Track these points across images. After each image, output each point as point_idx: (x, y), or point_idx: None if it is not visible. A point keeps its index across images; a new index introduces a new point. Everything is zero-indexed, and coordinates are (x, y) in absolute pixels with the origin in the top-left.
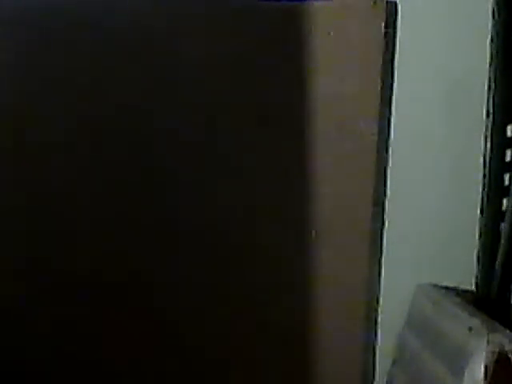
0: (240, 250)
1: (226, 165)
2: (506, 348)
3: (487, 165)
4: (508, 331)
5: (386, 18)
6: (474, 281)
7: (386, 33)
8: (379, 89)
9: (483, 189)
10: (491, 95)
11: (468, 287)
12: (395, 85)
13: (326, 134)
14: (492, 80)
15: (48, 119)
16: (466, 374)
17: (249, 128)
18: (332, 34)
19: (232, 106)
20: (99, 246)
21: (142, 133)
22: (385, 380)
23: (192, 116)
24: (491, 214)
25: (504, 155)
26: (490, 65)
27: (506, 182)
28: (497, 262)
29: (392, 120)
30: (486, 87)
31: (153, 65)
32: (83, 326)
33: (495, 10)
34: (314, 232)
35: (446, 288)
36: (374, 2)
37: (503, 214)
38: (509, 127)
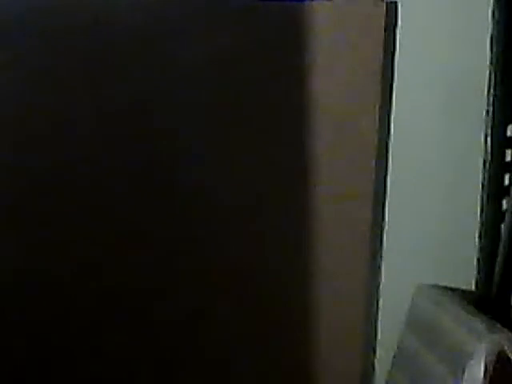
0: (239, 251)
1: (226, 164)
2: (506, 348)
3: (487, 165)
4: (508, 331)
5: (386, 18)
6: (474, 281)
7: (385, 33)
8: (379, 89)
9: (483, 189)
10: (491, 95)
11: (468, 287)
12: (395, 85)
13: (325, 133)
14: (492, 80)
15: (47, 119)
16: (466, 373)
17: (248, 128)
18: (332, 33)
19: (232, 105)
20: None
21: (142, 133)
22: (385, 380)
23: (192, 116)
24: (491, 214)
25: (504, 155)
26: (490, 65)
27: (506, 182)
28: (497, 262)
29: (392, 120)
30: (485, 87)
31: (153, 65)
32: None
33: (495, 10)
34: (314, 230)
35: (446, 288)
36: (374, 2)
37: (503, 214)
38: (509, 127)
